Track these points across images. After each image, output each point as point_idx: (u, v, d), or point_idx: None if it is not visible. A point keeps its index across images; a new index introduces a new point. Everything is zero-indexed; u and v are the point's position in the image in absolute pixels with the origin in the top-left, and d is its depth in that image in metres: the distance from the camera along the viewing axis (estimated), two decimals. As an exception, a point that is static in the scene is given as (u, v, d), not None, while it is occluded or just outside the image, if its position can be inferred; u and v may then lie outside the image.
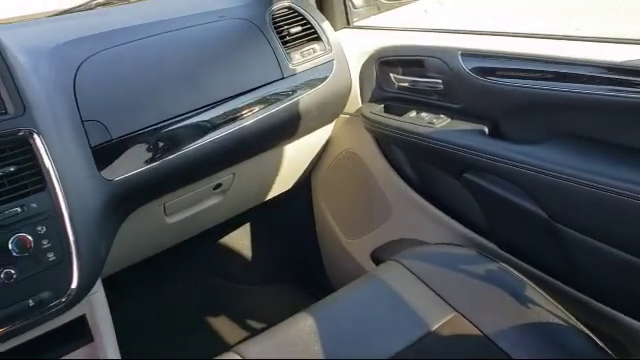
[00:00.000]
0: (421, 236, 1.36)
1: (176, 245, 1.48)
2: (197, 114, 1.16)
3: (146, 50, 1.18)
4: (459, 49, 1.20)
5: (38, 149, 0.91)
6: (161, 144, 1.11)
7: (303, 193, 1.76)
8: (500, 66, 1.14)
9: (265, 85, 1.26)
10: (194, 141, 1.16)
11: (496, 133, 1.19)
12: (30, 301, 0.90)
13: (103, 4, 1.48)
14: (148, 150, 1.09)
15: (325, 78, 1.37)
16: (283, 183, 1.63)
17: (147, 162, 1.09)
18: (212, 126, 1.18)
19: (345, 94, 1.44)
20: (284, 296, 1.86)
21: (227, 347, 0.98)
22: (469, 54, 1.19)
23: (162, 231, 1.32)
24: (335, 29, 1.45)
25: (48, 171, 0.91)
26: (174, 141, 1.13)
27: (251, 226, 1.92)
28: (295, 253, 1.92)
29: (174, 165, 1.13)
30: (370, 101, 1.45)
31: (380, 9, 1.58)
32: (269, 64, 1.28)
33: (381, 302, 1.04)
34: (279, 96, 1.28)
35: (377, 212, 1.52)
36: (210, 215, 1.45)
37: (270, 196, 1.64)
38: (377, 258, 1.34)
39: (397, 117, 1.32)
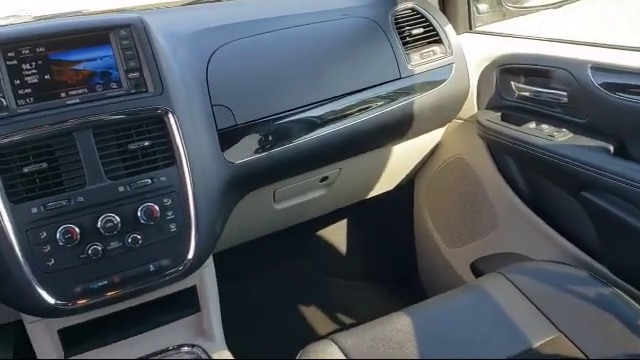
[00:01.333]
0: (528, 252, 1.32)
1: (277, 232, 1.54)
2: (314, 108, 1.19)
3: (273, 42, 1.24)
4: (589, 62, 1.15)
5: (171, 127, 0.98)
6: (279, 134, 1.16)
7: (405, 195, 1.76)
8: (633, 83, 1.08)
9: (382, 84, 1.27)
10: (309, 133, 1.20)
11: (621, 152, 1.12)
12: (151, 266, 0.98)
13: (231, -3, 1.57)
14: (267, 138, 1.14)
15: (443, 81, 1.36)
16: (387, 183, 1.64)
17: (265, 149, 1.14)
18: (327, 120, 1.21)
19: (461, 99, 1.42)
20: (375, 294, 1.87)
21: (319, 336, 1.00)
22: (600, 68, 1.13)
23: (269, 216, 1.37)
24: (457, 33, 1.44)
25: (178, 148, 0.98)
26: (291, 132, 1.18)
27: (350, 221, 1.94)
28: (390, 254, 1.92)
29: (288, 155, 1.18)
30: (487, 108, 1.42)
31: (505, 15, 1.54)
32: (388, 63, 1.29)
33: (482, 313, 1.02)
34: (395, 95, 1.29)
35: (482, 222, 1.49)
36: (314, 206, 1.49)
37: (372, 194, 1.65)
38: (478, 269, 1.31)
39: (515, 127, 1.29)
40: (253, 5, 1.52)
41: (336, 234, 1.96)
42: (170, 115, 0.99)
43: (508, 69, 1.35)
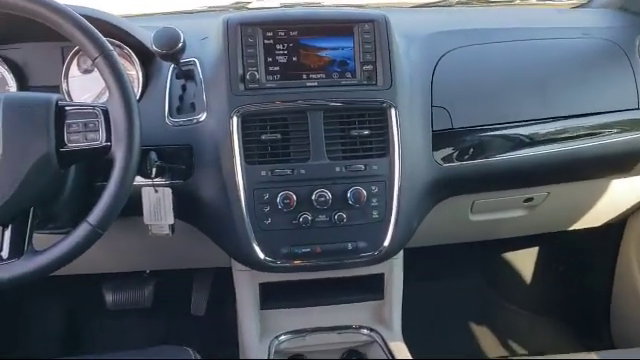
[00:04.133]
0: None
1: (464, 243, 1.52)
2: (536, 124, 1.16)
3: (503, 53, 1.23)
4: None
5: (391, 121, 1.04)
6: (493, 144, 1.15)
7: (613, 235, 1.61)
8: None
9: (617, 112, 1.19)
10: (524, 149, 1.17)
11: None
12: (349, 245, 1.04)
13: (463, 3, 1.58)
14: (480, 147, 1.14)
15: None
16: (595, 217, 1.51)
17: (475, 157, 1.14)
18: (547, 140, 1.17)
19: None
20: (555, 331, 1.75)
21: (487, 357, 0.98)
22: None
23: (462, 225, 1.36)
24: None
25: (394, 142, 1.04)
26: (505, 145, 1.16)
27: (542, 250, 1.84)
28: (581, 293, 1.78)
29: (497, 167, 1.16)
30: None
31: None
32: (627, 91, 1.20)
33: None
34: (629, 126, 1.19)
35: None
36: (510, 225, 1.44)
37: (575, 226, 1.54)
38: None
39: None
40: (485, 14, 1.51)
41: (524, 260, 1.87)
42: (392, 109, 1.04)
43: None
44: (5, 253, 0.84)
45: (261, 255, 1.03)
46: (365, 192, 1.03)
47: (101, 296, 1.53)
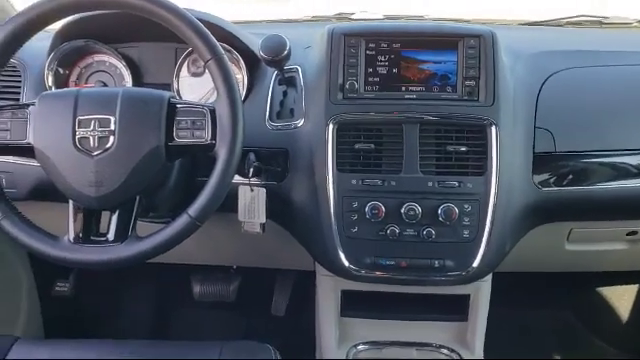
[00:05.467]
0: None
1: (555, 272, 1.45)
2: (644, 154, 1.09)
3: (613, 77, 1.17)
4: None
5: (491, 139, 1.01)
6: (597, 171, 1.10)
7: None
8: None
9: None
10: (629, 179, 1.11)
11: None
12: (436, 262, 1.03)
13: (573, 23, 1.51)
14: (583, 173, 1.09)
15: None
16: None
17: (577, 184, 1.09)
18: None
19: None
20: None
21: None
22: None
23: (557, 254, 1.30)
24: None
25: (492, 161, 1.01)
26: (610, 174, 1.10)
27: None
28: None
29: (599, 196, 1.11)
30: None
31: None
32: None
33: None
34: None
35: None
36: (610, 259, 1.35)
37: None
38: None
39: None
40: (595, 36, 1.45)
41: (621, 297, 1.75)
42: (493, 127, 1.01)
43: None
44: (111, 236, 0.90)
45: (345, 262, 1.03)
46: (457, 210, 1.00)
47: (189, 286, 1.60)
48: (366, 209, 1.01)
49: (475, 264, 1.02)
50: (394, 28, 1.08)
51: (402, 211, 1.01)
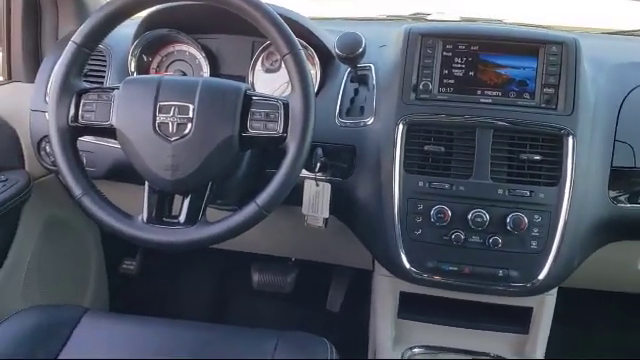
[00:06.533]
0: None
1: (621, 293, 1.38)
2: None
3: None
4: None
5: (567, 149, 0.98)
6: None
7: None
8: None
9: None
10: None
11: None
12: (500, 272, 1.00)
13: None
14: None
15: None
16: None
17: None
18: None
19: None
20: None
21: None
22: None
23: (629, 274, 1.24)
24: None
25: (566, 172, 0.98)
26: None
27: None
28: None
29: None
30: None
31: None
32: None
33: None
34: None
35: None
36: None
37: None
38: None
39: None
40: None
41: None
42: (570, 137, 0.98)
43: None
44: (182, 219, 0.93)
45: (407, 264, 1.03)
46: (527, 220, 0.98)
47: (248, 274, 1.64)
48: (431, 212, 1.00)
49: (541, 277, 0.99)
50: (473, 30, 1.06)
51: (469, 217, 0.99)
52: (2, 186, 1.20)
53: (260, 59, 1.22)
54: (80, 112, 0.94)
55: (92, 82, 1.18)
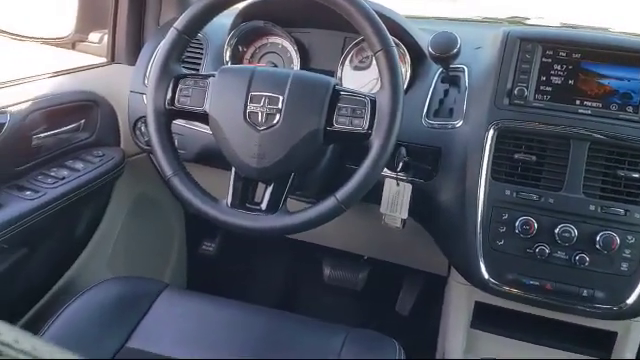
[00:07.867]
0: None
1: None
2: None
3: None
4: None
5: None
6: None
7: None
8: None
9: None
10: None
11: None
12: (585, 291, 0.95)
13: None
14: None
15: None
16: None
17: None
18: None
19: None
20: None
21: None
22: None
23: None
24: None
25: None
26: None
27: None
28: None
29: None
30: None
31: None
32: None
33: None
34: None
35: None
36: None
37: None
38: None
39: None
40: None
41: None
42: None
43: None
44: (264, 206, 0.95)
45: (485, 274, 1.00)
46: (619, 240, 0.92)
47: (320, 267, 1.65)
48: (516, 223, 0.97)
49: (630, 301, 0.93)
50: (577, 37, 1.01)
51: (556, 231, 0.95)
52: (99, 161, 1.28)
53: (350, 55, 1.22)
54: (177, 96, 0.98)
55: (189, 68, 1.23)
